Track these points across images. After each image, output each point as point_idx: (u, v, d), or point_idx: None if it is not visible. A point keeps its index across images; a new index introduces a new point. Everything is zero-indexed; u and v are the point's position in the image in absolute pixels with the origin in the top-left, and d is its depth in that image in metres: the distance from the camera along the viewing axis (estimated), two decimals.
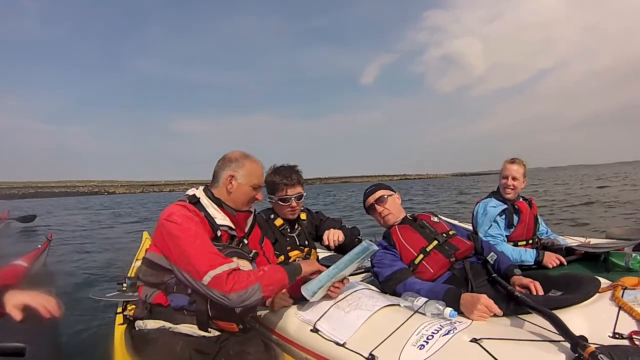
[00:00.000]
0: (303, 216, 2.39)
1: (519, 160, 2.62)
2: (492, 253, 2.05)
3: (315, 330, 1.62)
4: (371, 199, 2.18)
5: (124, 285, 2.48)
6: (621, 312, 1.42)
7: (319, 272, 1.69)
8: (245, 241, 1.72)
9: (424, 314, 1.55)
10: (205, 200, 1.61)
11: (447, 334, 1.40)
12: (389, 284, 1.89)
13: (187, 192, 1.66)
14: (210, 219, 1.57)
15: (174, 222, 1.47)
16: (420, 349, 1.35)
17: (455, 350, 1.32)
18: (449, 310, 1.53)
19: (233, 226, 1.64)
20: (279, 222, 2.26)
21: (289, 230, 2.28)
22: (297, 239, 2.30)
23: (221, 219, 1.61)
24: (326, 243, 2.30)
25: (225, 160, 1.67)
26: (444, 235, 2.03)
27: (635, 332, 1.29)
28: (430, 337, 1.39)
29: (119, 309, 2.17)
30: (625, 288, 1.54)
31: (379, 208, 2.15)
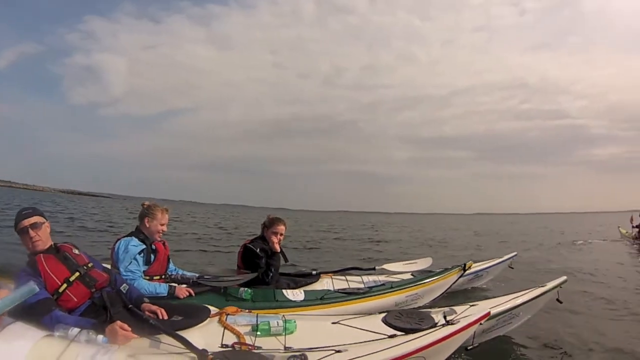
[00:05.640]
0: None
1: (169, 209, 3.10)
2: (125, 284, 2.38)
3: None
4: (26, 223, 2.12)
5: None
6: (226, 331, 2.11)
7: None
8: None
9: (80, 342, 1.66)
10: None
11: (106, 354, 1.62)
12: (33, 311, 1.84)
13: None
14: None
15: None
16: None
17: None
18: (100, 337, 1.72)
19: None
20: None
21: None
22: None
23: None
24: None
25: None
26: (85, 267, 2.19)
27: (236, 343, 1.98)
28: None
29: None
30: (228, 314, 2.28)
31: (32, 233, 2.11)
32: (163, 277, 3.06)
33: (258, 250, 3.41)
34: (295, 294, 3.19)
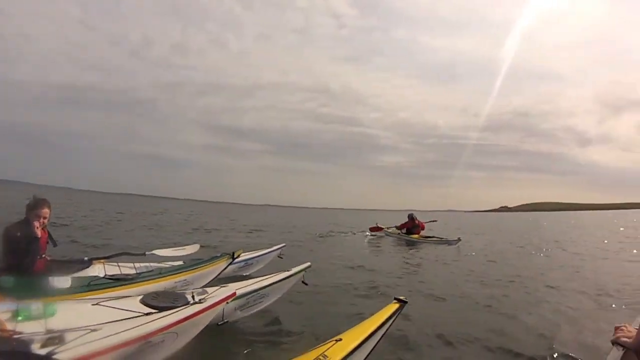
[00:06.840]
0: None
1: None
2: None
3: None
4: None
5: None
6: None
7: None
8: None
9: None
10: None
11: None
12: None
13: None
14: None
15: None
16: None
17: None
18: None
19: None
20: None
21: None
22: None
23: None
24: None
25: None
26: None
27: None
28: None
29: None
30: None
31: None
32: None
33: (19, 234, 3.19)
34: (61, 281, 3.12)
